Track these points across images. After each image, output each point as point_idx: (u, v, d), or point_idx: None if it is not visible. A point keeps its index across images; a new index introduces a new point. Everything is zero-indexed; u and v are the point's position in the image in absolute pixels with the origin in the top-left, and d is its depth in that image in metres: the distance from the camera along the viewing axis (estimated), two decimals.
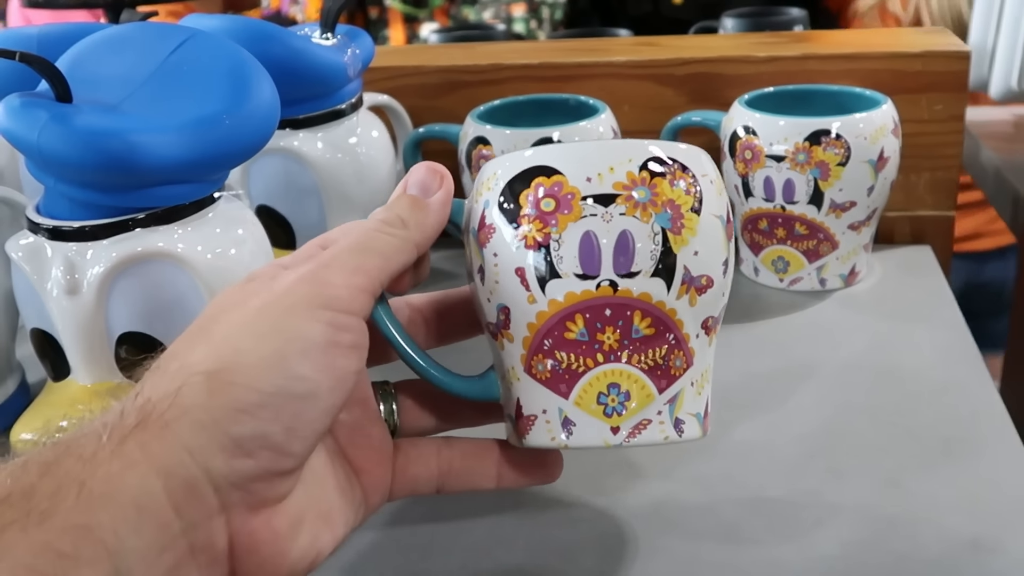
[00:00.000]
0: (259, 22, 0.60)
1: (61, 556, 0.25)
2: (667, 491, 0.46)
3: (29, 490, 0.26)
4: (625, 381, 0.35)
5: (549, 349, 0.35)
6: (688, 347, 0.35)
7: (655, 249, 0.34)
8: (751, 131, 0.62)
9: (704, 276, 0.35)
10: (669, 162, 0.35)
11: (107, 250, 0.46)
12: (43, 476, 0.27)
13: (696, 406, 0.36)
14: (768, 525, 0.43)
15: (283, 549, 0.32)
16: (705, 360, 0.37)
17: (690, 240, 0.35)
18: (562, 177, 0.35)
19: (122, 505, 0.27)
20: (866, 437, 0.49)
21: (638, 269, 0.34)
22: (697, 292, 0.35)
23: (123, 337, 0.47)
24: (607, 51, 0.76)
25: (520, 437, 0.37)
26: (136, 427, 0.28)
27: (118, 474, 0.27)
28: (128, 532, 0.27)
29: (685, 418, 0.36)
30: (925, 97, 0.69)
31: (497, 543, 0.43)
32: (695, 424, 0.36)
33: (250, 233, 0.51)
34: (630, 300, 0.34)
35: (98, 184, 0.45)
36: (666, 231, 0.34)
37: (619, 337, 0.34)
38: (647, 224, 0.34)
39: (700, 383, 0.36)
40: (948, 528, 0.42)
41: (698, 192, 0.35)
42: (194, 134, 0.45)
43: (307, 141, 0.63)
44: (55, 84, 0.45)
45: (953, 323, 0.60)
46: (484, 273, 0.36)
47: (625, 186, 0.34)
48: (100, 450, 0.28)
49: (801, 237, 0.63)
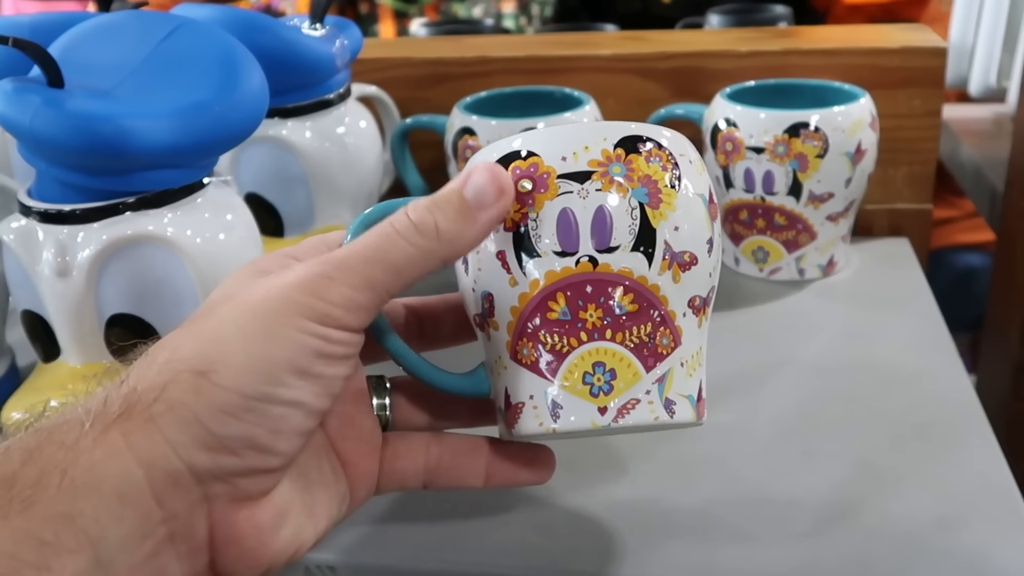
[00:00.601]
0: (249, 12, 0.61)
1: (43, 544, 0.25)
2: (644, 472, 0.47)
3: (11, 478, 0.26)
4: (610, 359, 0.34)
5: (533, 332, 0.35)
6: (675, 325, 0.35)
7: (633, 224, 0.34)
8: (732, 123, 0.63)
9: (687, 252, 0.35)
10: (645, 140, 0.35)
11: (97, 233, 0.47)
12: (25, 464, 0.27)
13: (687, 388, 0.36)
14: (742, 503, 0.44)
15: (264, 542, 0.31)
16: (695, 341, 0.36)
17: (669, 215, 0.34)
18: (538, 158, 0.35)
19: (104, 494, 0.27)
20: (839, 421, 0.50)
21: (617, 244, 0.34)
22: (680, 268, 0.35)
23: (113, 319, 0.48)
24: (593, 45, 0.77)
25: (509, 428, 0.36)
26: (120, 416, 0.28)
27: (100, 462, 0.27)
28: (110, 521, 0.27)
29: (676, 399, 0.35)
30: (903, 92, 0.71)
31: (461, 539, 0.44)
32: (687, 406, 0.36)
33: (239, 219, 0.52)
34: (610, 275, 0.34)
35: (89, 168, 0.46)
36: (644, 206, 0.34)
37: (602, 314, 0.34)
38: (624, 199, 0.34)
39: (691, 364, 0.36)
40: (915, 506, 0.43)
41: (676, 170, 0.35)
42: (184, 120, 0.46)
43: (296, 130, 0.64)
44: (47, 70, 0.46)
45: (927, 313, 0.61)
46: (468, 263, 0.36)
47: (600, 163, 0.35)
48: (82, 438, 0.28)
49: (780, 228, 0.64)
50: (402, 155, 0.72)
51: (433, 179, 0.73)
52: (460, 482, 0.38)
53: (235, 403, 0.29)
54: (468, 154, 0.65)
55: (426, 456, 0.37)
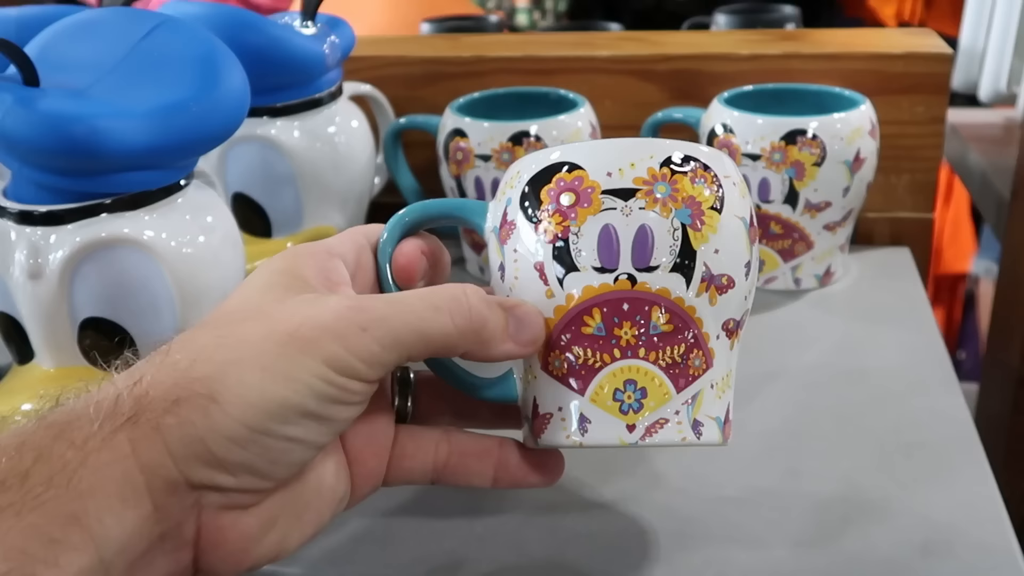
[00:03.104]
0: (238, 10, 0.60)
1: (52, 541, 0.27)
2: (625, 488, 0.46)
3: (24, 475, 0.27)
4: (642, 378, 0.35)
5: (566, 344, 0.35)
6: (708, 347, 0.35)
7: (674, 245, 0.34)
8: (728, 129, 0.62)
9: (725, 275, 0.35)
10: (691, 161, 0.35)
11: (71, 235, 0.46)
12: (37, 461, 0.28)
13: (716, 410, 0.36)
14: (722, 524, 0.43)
15: (248, 547, 0.32)
16: (727, 364, 0.36)
17: (710, 237, 0.34)
18: (583, 172, 0.35)
19: (108, 496, 0.28)
20: (827, 438, 0.49)
21: (656, 263, 0.34)
22: (718, 291, 0.35)
23: (87, 323, 0.47)
24: (590, 45, 0.76)
25: (536, 437, 0.37)
26: (129, 420, 0.29)
27: (107, 465, 0.28)
28: (113, 522, 0.28)
29: (704, 420, 0.35)
30: (906, 98, 0.69)
31: (458, 546, 0.43)
32: (715, 428, 0.36)
33: (219, 220, 0.51)
34: (648, 295, 0.34)
35: (62, 169, 0.45)
36: (686, 227, 0.34)
37: (636, 332, 0.34)
38: (667, 219, 0.34)
39: (721, 387, 0.36)
40: (900, 531, 0.42)
41: (720, 191, 0.35)
42: (160, 120, 0.45)
43: (284, 129, 0.63)
44: (23, 68, 0.45)
45: (924, 327, 0.60)
46: (504, 270, 0.36)
47: (645, 181, 0.35)
48: (91, 438, 0.29)
49: (776, 236, 0.63)
50: (395, 155, 0.71)
51: (426, 180, 0.72)
52: (467, 482, 0.38)
53: (240, 434, 0.30)
54: (459, 156, 0.64)
55: (435, 456, 0.38)
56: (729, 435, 0.37)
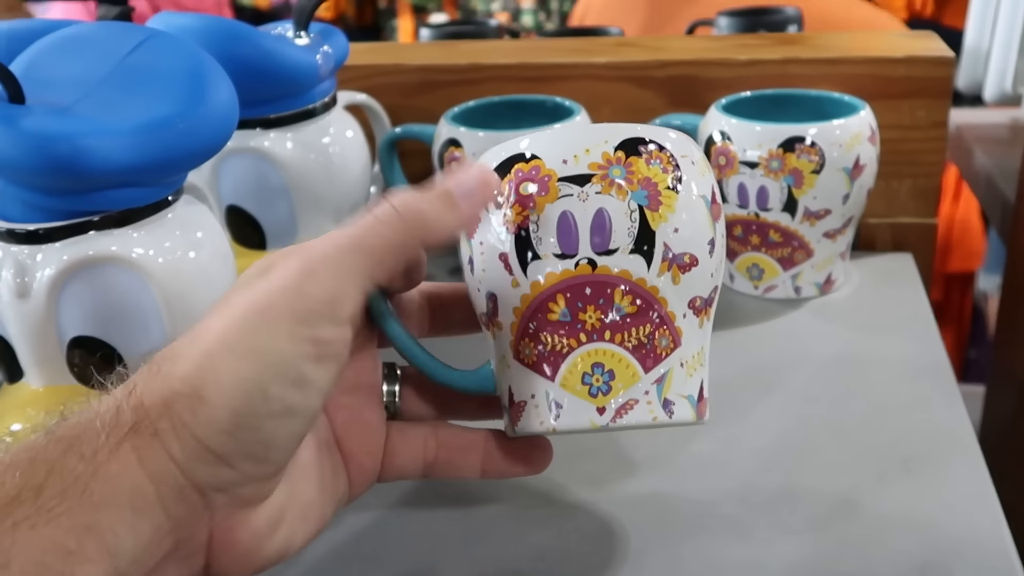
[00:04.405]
0: (229, 21, 0.60)
1: (68, 553, 0.27)
2: (619, 504, 0.45)
3: (38, 489, 0.28)
4: (609, 360, 0.35)
5: (534, 332, 0.36)
6: (675, 326, 0.35)
7: (632, 227, 0.34)
8: (726, 136, 0.61)
9: (687, 254, 0.35)
10: (647, 142, 0.36)
11: (58, 253, 0.45)
12: (50, 475, 0.28)
13: (687, 388, 0.36)
14: (715, 545, 0.42)
15: (259, 546, 0.33)
16: (696, 342, 0.36)
17: (669, 217, 0.35)
18: (540, 161, 0.35)
19: (120, 507, 0.29)
20: (825, 453, 0.48)
21: (616, 246, 0.34)
22: (680, 270, 0.35)
23: (75, 341, 0.47)
24: (587, 52, 0.75)
25: (513, 425, 0.37)
26: (131, 430, 0.30)
27: (117, 476, 0.29)
28: (126, 532, 0.29)
29: (675, 399, 0.35)
30: (908, 103, 0.68)
31: (448, 548, 0.43)
32: (687, 406, 0.36)
33: (209, 236, 0.51)
34: (609, 277, 0.35)
35: (47, 187, 0.44)
36: (643, 208, 0.35)
37: (601, 316, 0.35)
38: (623, 202, 0.35)
39: (691, 365, 0.36)
40: (898, 552, 0.41)
41: (677, 172, 0.35)
42: (146, 137, 0.45)
43: (277, 141, 0.63)
44: (7, 85, 0.44)
45: (926, 336, 0.59)
46: (473, 263, 0.37)
47: (600, 166, 0.35)
48: (100, 450, 0.29)
49: (775, 245, 0.62)
50: (390, 164, 0.71)
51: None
52: (457, 474, 0.39)
53: (228, 420, 0.30)
54: (454, 166, 0.63)
55: (424, 451, 0.39)
56: (705, 413, 0.37)
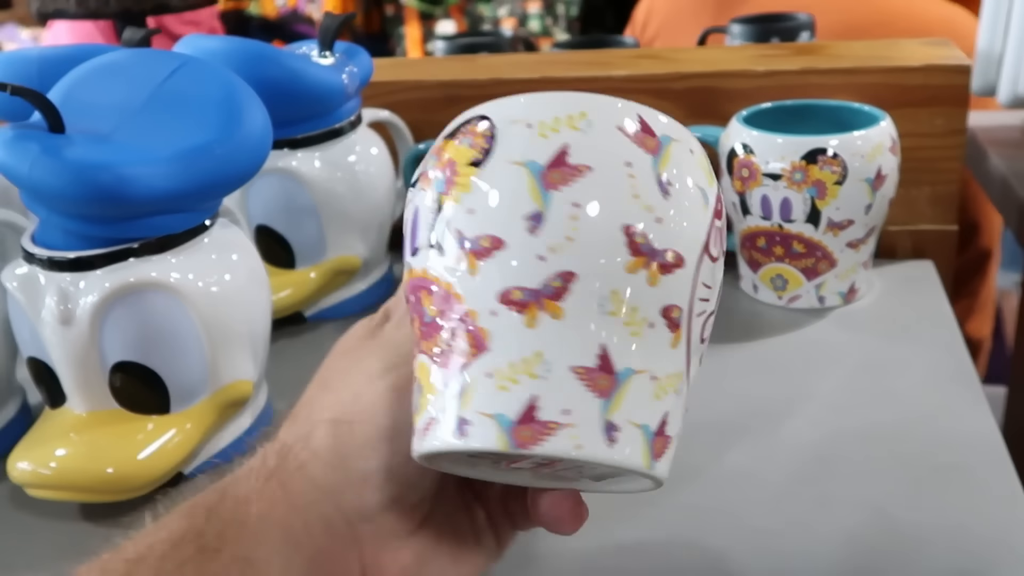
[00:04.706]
0: (257, 43, 0.61)
1: None
2: (655, 519, 0.46)
3: (200, 531, 0.31)
4: (421, 374, 0.31)
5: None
6: (477, 327, 0.29)
7: (431, 218, 0.30)
8: (748, 149, 0.62)
9: (485, 236, 0.29)
10: (477, 120, 0.31)
11: (100, 280, 0.46)
12: (209, 519, 0.31)
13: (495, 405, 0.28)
14: (753, 556, 0.43)
15: None
16: (516, 347, 0.28)
17: (462, 198, 0.30)
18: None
19: (273, 540, 0.31)
20: (856, 464, 0.49)
21: (419, 245, 0.31)
22: (476, 257, 0.29)
23: (117, 366, 0.48)
24: (606, 65, 0.76)
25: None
26: (276, 468, 0.32)
27: (266, 514, 0.31)
28: (281, 563, 0.31)
29: (473, 418, 0.28)
30: (926, 111, 0.69)
31: None
32: (489, 426, 0.28)
33: (244, 258, 0.51)
34: (417, 280, 0.31)
35: (89, 216, 0.45)
36: (440, 195, 0.30)
37: (419, 324, 0.31)
38: (426, 191, 0.31)
39: (507, 375, 0.28)
40: (934, 561, 0.42)
41: (489, 143, 0.30)
42: (185, 164, 0.46)
43: (305, 161, 0.64)
44: (48, 115, 0.45)
45: (950, 343, 0.59)
46: None
47: (430, 158, 0.32)
48: (251, 492, 0.32)
49: (799, 255, 0.63)
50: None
51: None
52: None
53: (371, 435, 0.32)
54: None
55: None
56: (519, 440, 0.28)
